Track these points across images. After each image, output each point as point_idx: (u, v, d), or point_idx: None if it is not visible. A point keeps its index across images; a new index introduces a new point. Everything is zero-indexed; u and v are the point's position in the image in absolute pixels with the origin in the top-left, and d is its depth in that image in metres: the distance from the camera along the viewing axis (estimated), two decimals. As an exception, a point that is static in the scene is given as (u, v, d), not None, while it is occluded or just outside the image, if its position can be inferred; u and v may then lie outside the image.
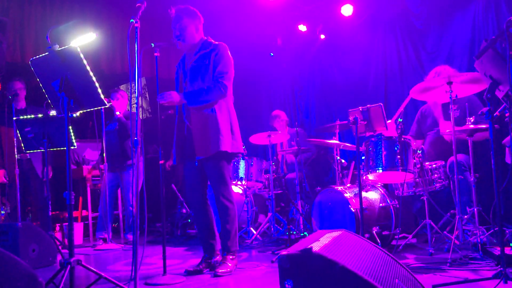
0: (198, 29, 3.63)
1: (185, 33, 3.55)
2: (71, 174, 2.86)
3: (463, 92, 3.76)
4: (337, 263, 1.89)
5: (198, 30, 3.63)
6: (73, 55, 2.82)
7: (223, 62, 3.51)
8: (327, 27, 6.79)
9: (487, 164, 4.04)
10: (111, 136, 5.58)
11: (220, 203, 3.52)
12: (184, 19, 3.55)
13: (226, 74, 3.49)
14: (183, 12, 3.57)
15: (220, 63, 3.50)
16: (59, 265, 2.71)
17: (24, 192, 5.41)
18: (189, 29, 3.56)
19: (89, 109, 3.00)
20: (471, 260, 3.29)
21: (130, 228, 5.55)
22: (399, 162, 3.80)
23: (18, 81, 5.31)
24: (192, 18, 3.58)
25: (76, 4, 6.39)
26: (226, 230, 3.52)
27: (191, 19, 3.57)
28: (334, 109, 6.87)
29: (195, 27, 3.60)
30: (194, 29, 3.59)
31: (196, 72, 3.55)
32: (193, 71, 3.57)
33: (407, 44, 6.01)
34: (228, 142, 3.48)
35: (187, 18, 3.56)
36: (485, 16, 5.14)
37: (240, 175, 5.33)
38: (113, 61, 6.83)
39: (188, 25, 3.55)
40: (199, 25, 3.64)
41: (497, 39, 2.48)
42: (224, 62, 3.52)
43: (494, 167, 2.66)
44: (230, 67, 3.55)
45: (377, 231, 3.98)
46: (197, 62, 3.56)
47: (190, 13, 3.59)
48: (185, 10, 3.58)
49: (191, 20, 3.57)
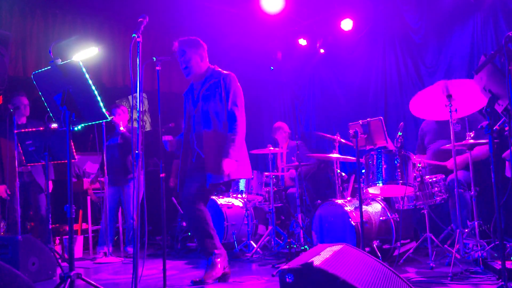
0: (202, 57, 3.74)
1: (191, 64, 3.67)
2: (72, 187, 2.87)
3: (464, 109, 3.77)
4: (338, 277, 1.89)
5: (203, 59, 3.74)
6: (75, 69, 2.84)
7: (236, 94, 3.65)
8: (327, 41, 6.85)
9: (488, 178, 4.05)
10: (113, 151, 5.59)
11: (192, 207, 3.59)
12: (188, 51, 3.67)
13: (240, 107, 3.64)
14: (186, 44, 3.68)
15: (232, 95, 3.63)
16: (59, 279, 2.71)
17: (24, 205, 5.40)
18: (193, 60, 3.67)
19: (90, 123, 3.02)
20: (472, 274, 3.29)
21: (131, 241, 5.53)
22: (399, 176, 3.80)
23: (24, 97, 5.32)
24: (196, 48, 3.69)
25: (78, 18, 6.44)
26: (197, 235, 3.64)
27: (194, 49, 3.68)
28: (334, 122, 6.89)
29: (199, 56, 3.71)
30: (199, 59, 3.71)
31: (209, 101, 3.66)
32: (205, 100, 3.68)
33: (407, 59, 6.05)
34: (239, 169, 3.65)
35: (191, 49, 3.67)
36: (483, 31, 5.18)
37: (240, 188, 5.33)
38: (114, 75, 6.87)
39: (192, 56, 3.67)
40: (203, 54, 3.74)
41: (496, 54, 2.50)
42: (237, 95, 3.66)
43: (494, 181, 2.67)
44: (242, 98, 3.69)
45: (378, 244, 3.97)
46: (209, 91, 3.67)
47: (192, 44, 3.70)
48: (188, 42, 3.69)
49: (194, 50, 3.68)
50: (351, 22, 6.32)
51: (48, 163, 4.51)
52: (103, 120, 3.06)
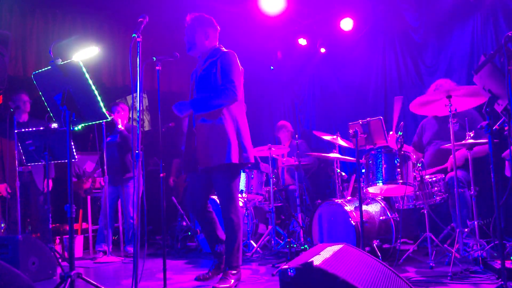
0: (208, 36, 3.57)
1: (193, 39, 3.55)
2: (72, 186, 2.87)
3: (463, 105, 3.78)
4: (338, 277, 1.90)
5: (208, 37, 3.57)
6: (75, 69, 2.84)
7: (231, 70, 3.42)
8: (327, 41, 6.85)
9: (487, 178, 4.05)
10: (112, 149, 5.57)
11: (225, 217, 3.48)
12: (194, 25, 3.56)
13: (234, 82, 3.39)
14: (194, 19, 3.59)
15: (227, 71, 3.41)
16: (60, 278, 2.71)
17: (25, 205, 5.40)
18: (197, 35, 3.55)
19: (91, 123, 3.02)
20: (472, 273, 3.29)
21: (130, 241, 5.53)
22: (399, 176, 3.81)
23: (24, 94, 5.33)
24: (202, 25, 3.56)
25: (78, 18, 6.44)
26: (229, 245, 3.47)
27: (201, 26, 3.55)
28: (334, 121, 6.90)
29: (204, 34, 3.55)
30: (203, 36, 3.55)
31: (204, 81, 3.51)
32: (201, 80, 3.54)
33: (406, 58, 6.05)
34: (236, 154, 3.39)
35: (197, 25, 3.55)
36: (483, 30, 5.18)
37: (240, 187, 5.33)
38: (114, 74, 6.87)
39: (197, 31, 3.54)
40: (210, 32, 3.58)
41: (495, 54, 2.50)
42: (232, 70, 3.42)
43: (494, 181, 2.67)
44: (239, 75, 3.46)
45: (378, 244, 3.98)
46: (205, 71, 3.51)
47: (201, 20, 3.58)
48: (197, 18, 3.59)
49: (200, 27, 3.55)
50: (351, 21, 6.32)
51: (48, 162, 4.51)
52: (104, 120, 3.06)
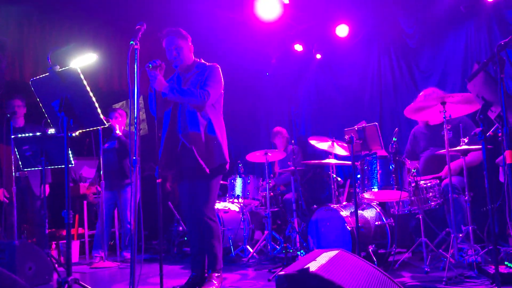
0: (190, 50, 3.71)
1: (182, 54, 3.62)
2: (70, 192, 2.88)
3: (457, 112, 3.82)
4: (334, 283, 1.92)
5: (190, 51, 3.72)
6: (73, 76, 2.86)
7: (213, 79, 3.59)
8: (322, 47, 6.89)
9: (482, 183, 4.09)
10: (109, 155, 5.58)
11: (204, 223, 3.54)
12: (179, 40, 3.62)
13: (211, 87, 3.55)
14: (177, 34, 3.63)
15: (209, 79, 3.58)
16: (57, 284, 2.71)
17: (21, 210, 5.40)
18: (184, 50, 3.63)
19: (88, 129, 3.04)
20: (466, 278, 3.32)
21: (128, 246, 5.53)
22: (394, 181, 3.84)
23: (17, 99, 5.33)
24: (185, 40, 3.66)
25: (75, 24, 6.45)
26: (211, 249, 3.54)
27: (184, 40, 3.64)
28: (330, 126, 6.92)
29: (188, 48, 3.67)
30: (188, 50, 3.67)
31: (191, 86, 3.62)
32: None
33: (401, 64, 6.10)
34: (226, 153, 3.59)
35: (181, 40, 3.63)
36: (477, 36, 5.24)
37: (236, 193, 5.35)
38: (110, 79, 6.88)
39: (183, 46, 3.63)
40: (190, 45, 3.72)
41: (488, 62, 2.54)
42: (214, 79, 3.60)
43: (488, 186, 2.70)
44: (218, 84, 3.63)
45: (373, 249, 4.00)
46: (192, 83, 3.63)
47: (182, 35, 3.65)
48: (178, 32, 3.64)
49: (184, 42, 3.64)
50: (347, 27, 6.37)
51: (44, 168, 4.51)
52: (101, 126, 3.08)
